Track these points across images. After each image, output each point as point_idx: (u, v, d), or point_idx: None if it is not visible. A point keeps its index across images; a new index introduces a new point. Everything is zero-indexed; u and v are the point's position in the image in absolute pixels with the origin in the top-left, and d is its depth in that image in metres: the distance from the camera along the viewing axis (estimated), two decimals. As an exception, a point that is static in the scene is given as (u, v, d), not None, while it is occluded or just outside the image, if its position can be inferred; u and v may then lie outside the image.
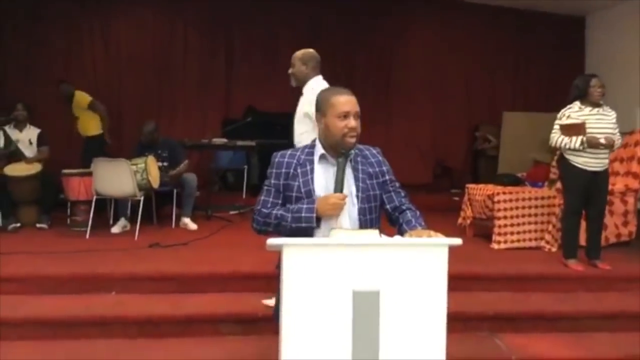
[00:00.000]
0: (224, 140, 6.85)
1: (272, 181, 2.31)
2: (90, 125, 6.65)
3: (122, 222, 5.53)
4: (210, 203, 6.49)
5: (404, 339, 1.73)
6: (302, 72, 3.76)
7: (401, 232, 2.16)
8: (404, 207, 2.28)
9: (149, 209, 5.70)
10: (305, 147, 2.36)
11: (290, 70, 3.82)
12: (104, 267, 4.10)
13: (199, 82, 8.07)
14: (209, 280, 3.97)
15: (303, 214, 2.16)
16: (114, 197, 5.41)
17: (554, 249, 4.97)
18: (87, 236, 5.13)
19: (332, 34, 8.30)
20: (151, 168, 5.34)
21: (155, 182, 5.40)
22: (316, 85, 3.62)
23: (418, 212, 2.27)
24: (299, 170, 2.28)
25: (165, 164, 5.85)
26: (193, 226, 5.73)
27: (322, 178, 2.27)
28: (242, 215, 6.61)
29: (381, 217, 2.32)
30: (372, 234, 1.94)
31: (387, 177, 2.33)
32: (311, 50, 3.82)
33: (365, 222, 2.21)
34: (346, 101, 2.24)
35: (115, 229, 5.48)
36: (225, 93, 8.24)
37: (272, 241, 1.74)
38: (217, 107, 8.19)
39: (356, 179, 2.25)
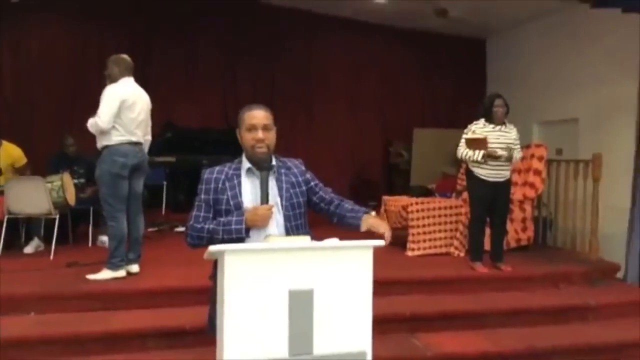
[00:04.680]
0: (143, 156, 6.77)
1: (202, 196, 2.43)
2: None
3: (36, 241, 5.37)
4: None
5: (335, 332, 1.90)
6: (115, 73, 4.26)
7: (346, 221, 2.36)
8: (336, 201, 2.49)
9: (64, 228, 5.54)
10: (233, 162, 2.50)
11: (105, 72, 4.31)
12: (20, 287, 3.98)
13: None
14: (133, 296, 3.97)
15: (233, 226, 2.29)
16: (28, 215, 5.21)
17: (462, 254, 5.35)
18: (-2, 257, 4.92)
19: (251, 49, 8.42)
20: (68, 185, 5.23)
21: (72, 200, 5.28)
22: (124, 83, 4.24)
23: (351, 202, 2.49)
24: (227, 185, 2.40)
25: (81, 180, 5.73)
26: (111, 244, 5.63)
27: (250, 190, 2.40)
28: (160, 232, 6.55)
29: (308, 222, 2.49)
30: (304, 239, 2.10)
31: (312, 183, 2.52)
32: (124, 55, 4.37)
33: (291, 228, 2.37)
34: (254, 115, 2.41)
35: (28, 249, 5.31)
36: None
37: (213, 248, 1.86)
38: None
39: (280, 188, 2.41)
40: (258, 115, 2.40)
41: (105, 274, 4.16)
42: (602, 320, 4.22)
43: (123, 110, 4.14)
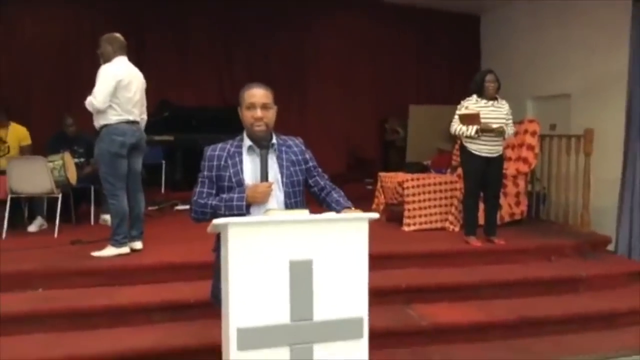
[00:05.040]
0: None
1: (205, 173, 2.52)
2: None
3: (39, 220, 5.47)
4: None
5: (334, 299, 2.02)
6: (108, 51, 4.28)
7: (331, 210, 2.46)
8: (328, 188, 2.60)
9: (67, 207, 5.63)
10: (235, 140, 2.58)
11: (98, 51, 4.32)
12: (28, 264, 4.08)
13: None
14: (137, 272, 4.08)
15: (235, 203, 2.39)
16: (30, 194, 5.30)
17: (456, 229, 5.46)
18: (4, 236, 5.03)
19: (246, 27, 8.43)
20: (69, 164, 5.31)
21: (73, 179, 5.37)
22: (112, 64, 4.24)
23: (342, 192, 2.58)
24: (229, 162, 2.49)
25: (82, 159, 5.81)
26: (112, 222, 5.73)
27: (250, 168, 2.49)
28: (161, 211, 6.65)
29: (305, 199, 2.58)
30: (303, 212, 2.21)
31: (310, 164, 2.61)
32: (116, 34, 4.35)
33: (290, 205, 2.47)
34: (253, 94, 2.48)
35: (32, 228, 5.41)
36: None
37: (217, 221, 1.96)
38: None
39: (281, 166, 2.51)
40: (257, 94, 2.47)
41: (110, 251, 4.27)
42: (592, 291, 4.35)
43: (119, 89, 4.20)
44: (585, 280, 4.40)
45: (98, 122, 4.29)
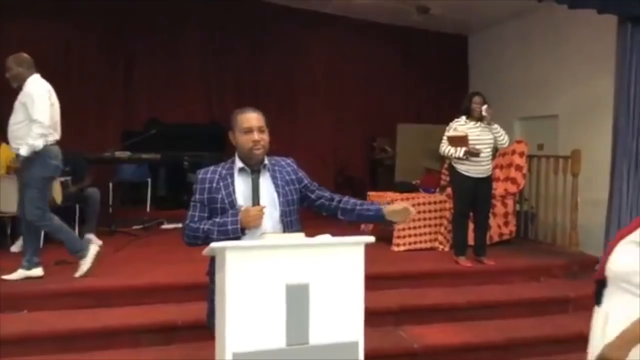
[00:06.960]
0: (128, 153, 6.77)
1: (197, 196, 2.50)
2: None
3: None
4: (114, 218, 6.41)
5: (330, 323, 2.00)
6: (20, 73, 4.13)
7: (360, 212, 2.54)
8: (337, 197, 2.62)
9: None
10: (226, 162, 2.58)
11: (7, 74, 4.16)
12: (11, 286, 4.00)
13: (97, 93, 7.88)
14: (125, 293, 4.02)
15: (230, 227, 2.35)
16: (14, 214, 5.20)
17: (446, 249, 5.47)
18: (-14, 256, 4.93)
19: (235, 45, 8.46)
20: (54, 184, 5.22)
21: (58, 199, 5.29)
22: (33, 81, 4.10)
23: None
24: (221, 184, 2.48)
25: (67, 178, 5.73)
26: (98, 242, 5.63)
27: (243, 189, 2.48)
28: (147, 230, 6.57)
29: (299, 219, 2.58)
30: (299, 236, 2.19)
31: (305, 182, 2.63)
32: (23, 53, 4.23)
33: (287, 223, 2.47)
34: (249, 118, 2.49)
35: (15, 248, 5.29)
36: (125, 104, 8.13)
37: (215, 245, 1.94)
38: (116, 119, 8.05)
39: (276, 185, 2.51)
40: (253, 118, 2.49)
41: (85, 264, 4.16)
42: (581, 312, 4.33)
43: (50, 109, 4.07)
44: (573, 301, 4.42)
45: (19, 144, 4.01)
